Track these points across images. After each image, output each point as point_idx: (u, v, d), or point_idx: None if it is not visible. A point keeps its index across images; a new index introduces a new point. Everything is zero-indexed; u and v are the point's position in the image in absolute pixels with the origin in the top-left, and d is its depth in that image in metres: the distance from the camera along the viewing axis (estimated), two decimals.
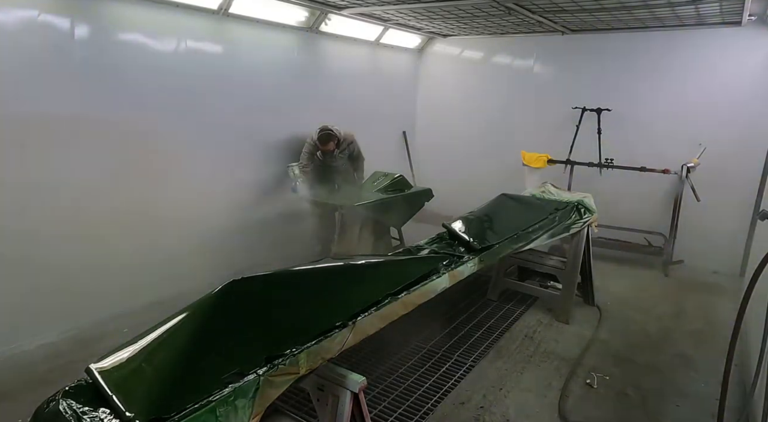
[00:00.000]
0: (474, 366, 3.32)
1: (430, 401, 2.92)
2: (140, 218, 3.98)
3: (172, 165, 4.16)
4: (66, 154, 3.47)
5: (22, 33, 3.17)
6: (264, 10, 4.64)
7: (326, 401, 1.95)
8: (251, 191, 4.93)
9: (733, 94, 5.13)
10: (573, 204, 4.04)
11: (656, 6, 4.38)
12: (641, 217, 5.61)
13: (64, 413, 1.49)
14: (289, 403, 2.75)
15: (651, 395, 3.07)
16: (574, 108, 5.76)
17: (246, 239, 4.91)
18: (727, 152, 5.14)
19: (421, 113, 7.33)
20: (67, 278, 3.56)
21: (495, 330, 3.85)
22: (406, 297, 2.35)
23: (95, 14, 3.53)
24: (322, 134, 4.87)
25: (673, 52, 5.42)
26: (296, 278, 2.20)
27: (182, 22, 4.08)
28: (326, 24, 5.32)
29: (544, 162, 5.65)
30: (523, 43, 6.37)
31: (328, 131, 4.88)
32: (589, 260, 4.19)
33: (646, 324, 4.06)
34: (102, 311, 3.80)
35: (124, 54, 3.71)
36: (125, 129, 3.77)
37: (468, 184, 6.57)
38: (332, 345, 1.92)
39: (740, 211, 5.15)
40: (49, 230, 3.43)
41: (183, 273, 4.27)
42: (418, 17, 5.52)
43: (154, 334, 1.77)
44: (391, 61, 6.73)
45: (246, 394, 1.58)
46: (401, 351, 3.45)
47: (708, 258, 5.37)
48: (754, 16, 4.73)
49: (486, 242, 3.13)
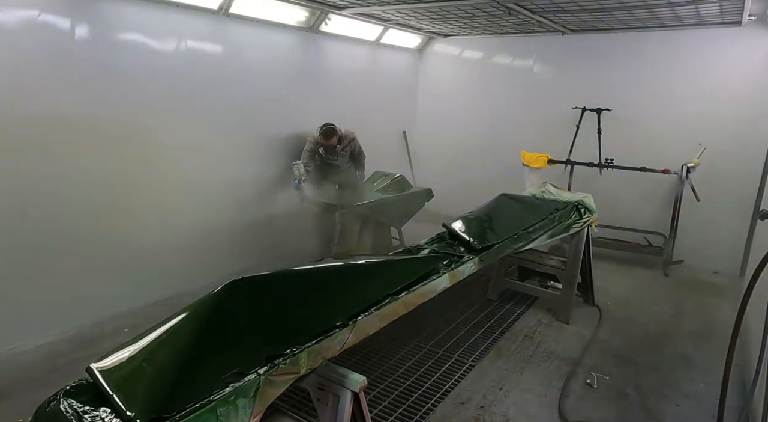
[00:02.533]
0: (474, 365, 3.33)
1: (430, 401, 2.92)
2: (140, 218, 3.98)
3: (171, 165, 4.15)
4: (66, 154, 3.47)
5: (22, 33, 3.17)
6: (264, 10, 4.65)
7: (326, 400, 1.95)
8: (251, 190, 4.92)
9: (733, 94, 5.13)
10: (573, 204, 4.04)
11: (656, 6, 4.39)
12: (641, 217, 5.62)
13: (65, 412, 1.49)
14: (289, 403, 2.75)
15: (651, 395, 3.07)
16: (574, 108, 5.76)
17: (245, 240, 4.92)
18: (727, 152, 5.14)
19: (421, 113, 7.34)
20: (67, 278, 3.56)
21: (495, 329, 3.85)
22: (406, 297, 2.35)
23: (95, 14, 3.53)
24: (325, 129, 4.93)
25: (673, 52, 5.42)
26: (296, 278, 2.20)
27: (182, 22, 4.07)
28: (326, 24, 5.32)
29: (544, 162, 5.65)
30: (523, 43, 6.38)
31: (331, 126, 4.96)
32: (589, 260, 4.19)
33: (646, 324, 4.06)
34: (102, 311, 3.80)
35: (124, 54, 3.71)
36: (125, 129, 3.77)
37: (468, 184, 6.58)
38: (332, 344, 1.92)
39: (740, 211, 5.15)
40: (49, 230, 3.43)
41: (183, 274, 4.28)
42: (418, 17, 5.53)
43: (154, 334, 1.77)
44: (391, 61, 6.73)
45: (246, 393, 1.59)
46: (401, 351, 3.45)
47: (708, 258, 5.37)
48: (754, 16, 4.73)
49: (486, 242, 3.13)
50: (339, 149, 5.09)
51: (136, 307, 3.97)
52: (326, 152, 5.08)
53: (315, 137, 5.00)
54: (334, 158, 5.14)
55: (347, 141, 5.14)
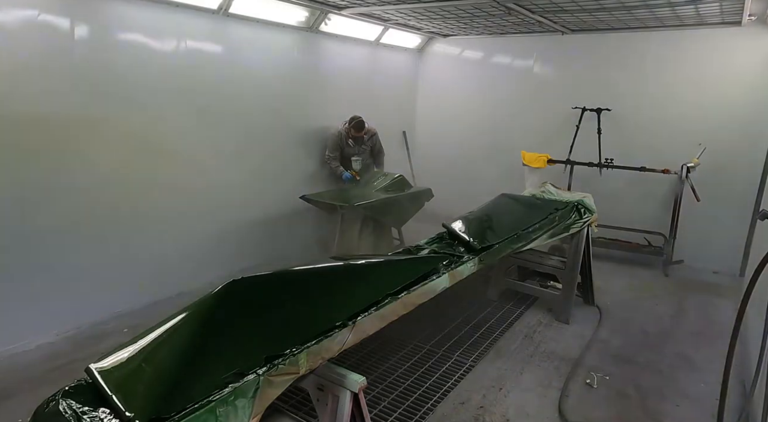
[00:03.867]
0: (474, 366, 3.32)
1: (430, 401, 2.92)
2: (140, 218, 3.98)
3: (170, 165, 4.15)
4: (66, 154, 3.47)
5: (22, 33, 3.16)
6: (264, 10, 4.64)
7: (326, 401, 1.95)
8: (250, 190, 4.92)
9: (733, 94, 5.13)
10: (573, 204, 4.04)
11: (656, 6, 4.38)
12: (641, 217, 5.61)
13: (64, 413, 1.49)
14: (289, 403, 2.75)
15: (651, 395, 3.07)
16: (574, 108, 5.76)
17: (245, 240, 4.92)
18: (727, 152, 5.14)
19: (421, 113, 7.34)
20: (67, 277, 3.56)
21: (495, 329, 3.85)
22: (406, 297, 2.35)
23: (95, 14, 3.53)
24: (357, 121, 5.20)
25: (673, 52, 5.42)
26: (296, 278, 2.20)
27: (182, 22, 4.07)
28: (326, 24, 5.32)
29: (544, 162, 5.65)
30: (523, 43, 6.37)
31: (361, 118, 5.22)
32: (589, 260, 4.19)
33: (646, 324, 4.06)
34: (102, 311, 3.80)
35: (123, 54, 3.71)
36: (124, 129, 3.77)
37: (468, 184, 6.59)
38: (332, 344, 1.92)
39: (740, 211, 5.15)
40: (49, 229, 3.43)
41: (183, 273, 4.28)
42: (418, 17, 5.53)
43: (154, 334, 1.77)
44: (391, 61, 6.73)
45: (246, 394, 1.59)
46: (401, 351, 3.45)
47: (708, 258, 5.37)
48: (754, 16, 4.72)
49: (486, 242, 3.13)
50: (366, 140, 5.39)
51: (136, 307, 3.97)
52: (354, 143, 5.32)
53: (341, 129, 5.26)
54: (359, 150, 5.39)
55: (370, 134, 5.45)
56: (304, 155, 5.48)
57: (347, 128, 5.27)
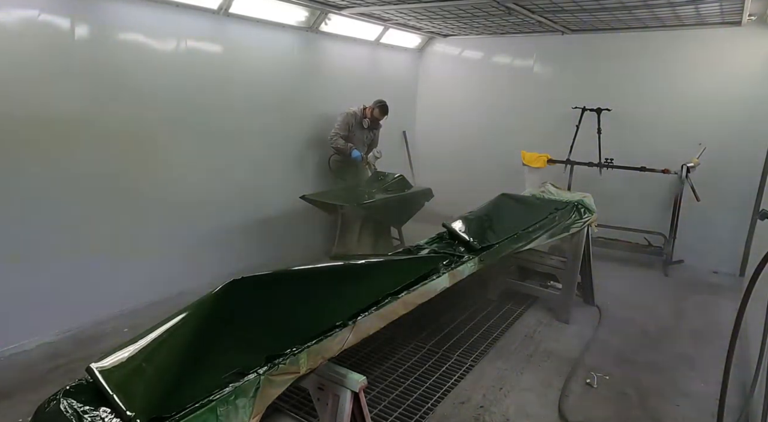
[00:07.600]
0: (474, 365, 3.32)
1: (430, 401, 2.92)
2: (140, 218, 3.98)
3: (171, 165, 4.15)
4: (65, 154, 3.47)
5: (22, 33, 3.16)
6: (264, 10, 4.64)
7: (326, 400, 1.95)
8: (249, 190, 4.92)
9: (733, 93, 5.13)
10: (573, 204, 4.04)
11: (656, 6, 4.39)
12: (641, 217, 5.61)
13: (65, 412, 1.49)
14: (289, 403, 2.75)
15: (651, 395, 3.07)
16: (574, 108, 5.76)
17: (245, 240, 4.92)
18: (727, 152, 5.14)
19: (421, 113, 7.34)
20: (67, 277, 3.56)
21: (495, 329, 3.85)
22: (406, 297, 2.35)
23: (95, 14, 3.53)
24: (384, 105, 5.29)
25: (672, 52, 5.42)
26: (296, 278, 2.20)
27: (182, 22, 4.07)
28: (326, 24, 5.32)
29: (544, 162, 5.65)
30: (523, 43, 6.37)
31: (386, 103, 5.31)
32: (589, 260, 4.19)
33: (646, 324, 4.06)
34: (102, 311, 3.80)
35: (124, 54, 3.71)
36: (124, 129, 3.77)
37: (468, 184, 6.58)
38: (332, 344, 1.92)
39: (740, 211, 5.15)
40: (49, 229, 3.43)
41: (183, 273, 4.28)
42: (418, 17, 5.53)
43: (154, 334, 1.77)
44: (391, 61, 6.73)
45: (246, 393, 1.59)
46: (401, 351, 3.45)
47: (708, 258, 5.37)
48: (754, 16, 4.73)
49: (486, 241, 3.13)
50: (378, 128, 5.54)
51: (136, 307, 3.96)
52: (370, 125, 5.38)
53: (355, 110, 5.29)
54: (366, 136, 5.45)
55: (380, 126, 5.56)
56: (305, 154, 5.48)
57: (370, 108, 5.31)
